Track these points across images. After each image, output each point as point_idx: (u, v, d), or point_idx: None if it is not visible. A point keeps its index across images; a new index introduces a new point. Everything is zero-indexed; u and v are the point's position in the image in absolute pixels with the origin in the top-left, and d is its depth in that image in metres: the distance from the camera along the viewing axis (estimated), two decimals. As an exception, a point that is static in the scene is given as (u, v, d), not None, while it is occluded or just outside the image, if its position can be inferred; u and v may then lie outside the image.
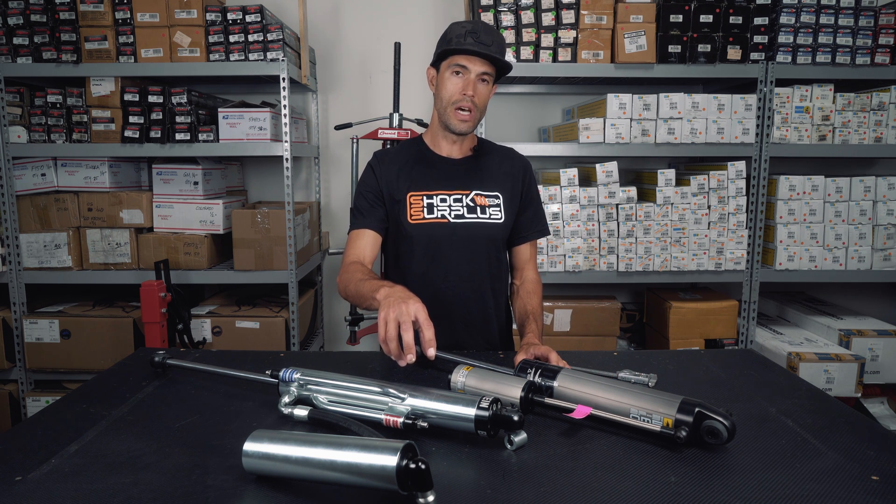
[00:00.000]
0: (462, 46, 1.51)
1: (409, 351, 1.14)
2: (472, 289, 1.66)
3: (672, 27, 2.78)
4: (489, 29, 1.55)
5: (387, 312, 1.18)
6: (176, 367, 1.38)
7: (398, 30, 3.26)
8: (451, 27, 1.57)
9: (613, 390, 1.10)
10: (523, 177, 1.72)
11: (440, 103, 1.61)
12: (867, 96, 2.85)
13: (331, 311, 3.60)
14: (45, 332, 2.84)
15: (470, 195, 1.65)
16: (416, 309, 1.18)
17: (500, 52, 1.55)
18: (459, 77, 1.56)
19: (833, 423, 1.11)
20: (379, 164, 1.68)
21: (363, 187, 1.67)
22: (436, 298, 1.61)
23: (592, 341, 3.02)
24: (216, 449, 1.00)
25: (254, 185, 3.52)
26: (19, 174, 2.87)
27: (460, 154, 1.70)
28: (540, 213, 1.77)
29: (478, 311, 1.68)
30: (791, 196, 2.88)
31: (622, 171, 2.99)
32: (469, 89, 1.54)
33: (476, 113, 1.59)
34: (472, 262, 1.64)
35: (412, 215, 1.62)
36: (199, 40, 2.72)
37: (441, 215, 1.62)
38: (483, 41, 1.51)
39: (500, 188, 1.68)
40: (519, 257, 1.76)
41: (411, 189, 1.64)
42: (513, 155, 1.76)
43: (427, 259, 1.63)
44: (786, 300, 3.42)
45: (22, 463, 0.95)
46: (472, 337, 1.68)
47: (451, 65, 1.56)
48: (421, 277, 1.63)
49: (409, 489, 0.80)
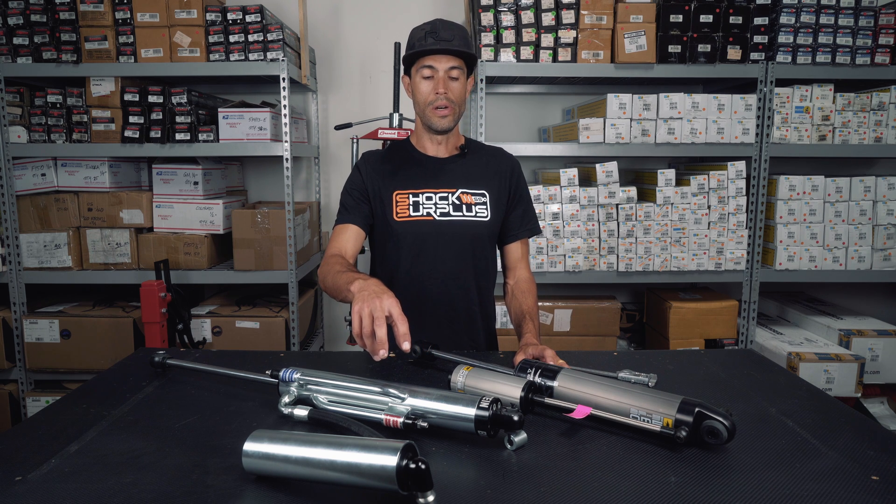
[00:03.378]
0: (424, 48, 1.54)
1: (382, 346, 1.15)
2: (458, 286, 1.67)
3: (672, 27, 2.78)
4: (447, 24, 1.57)
5: (360, 307, 1.19)
6: (176, 367, 1.38)
7: (398, 30, 3.24)
8: (412, 32, 1.60)
9: (613, 390, 1.10)
10: (511, 175, 1.73)
11: (418, 107, 1.64)
12: (867, 96, 2.85)
13: (331, 311, 3.60)
14: (45, 332, 2.84)
15: (456, 193, 1.66)
16: (389, 304, 1.18)
17: (464, 44, 1.57)
18: (429, 79, 1.58)
19: (833, 423, 1.11)
20: (365, 164, 1.71)
21: (349, 185, 1.70)
22: (421, 296, 1.62)
23: (592, 341, 3.02)
24: (216, 449, 1.00)
25: (254, 185, 3.52)
26: (19, 174, 2.87)
27: (446, 153, 1.71)
28: (530, 212, 1.77)
29: (463, 309, 1.68)
30: (791, 196, 2.88)
31: (622, 171, 3.00)
32: (440, 87, 1.57)
33: (454, 108, 1.60)
34: (458, 259, 1.65)
35: (398, 213, 1.63)
36: (199, 40, 2.72)
37: (427, 213, 1.63)
38: (444, 38, 1.54)
39: (486, 186, 1.69)
40: (510, 256, 1.76)
41: (397, 187, 1.65)
42: (500, 154, 1.77)
43: (413, 257, 1.64)
44: (786, 300, 3.42)
45: (22, 463, 0.95)
46: (457, 335, 1.68)
47: (420, 68, 1.58)
48: (407, 275, 1.64)
49: (409, 489, 0.80)
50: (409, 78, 1.65)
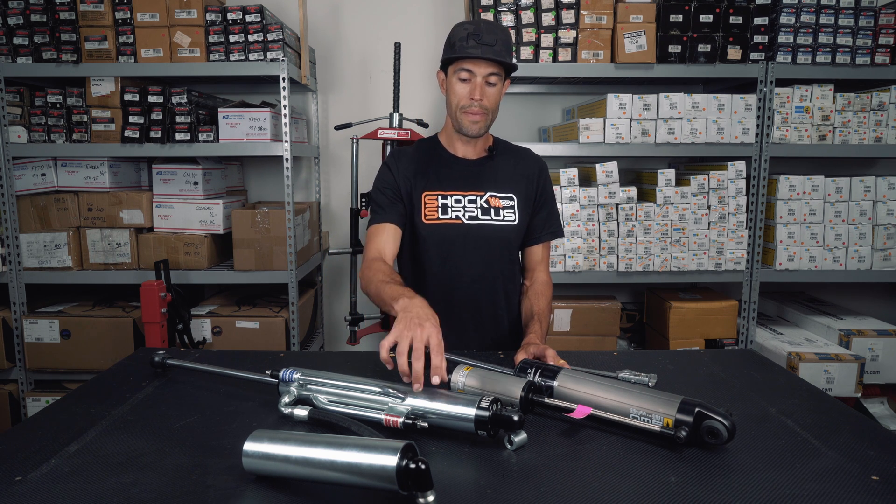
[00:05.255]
0: (465, 52, 1.50)
1: (418, 381, 1.09)
2: (485, 290, 1.65)
3: (672, 27, 2.78)
4: (492, 27, 1.54)
5: (400, 332, 1.14)
6: (176, 367, 1.38)
7: (398, 30, 3.26)
8: (454, 29, 1.56)
9: (613, 390, 1.10)
10: (538, 178, 1.71)
11: (450, 108, 1.61)
12: (867, 96, 2.85)
13: (331, 311, 3.60)
14: (45, 332, 2.84)
15: (484, 196, 1.64)
16: (430, 333, 1.14)
17: (506, 49, 1.54)
18: (466, 82, 1.55)
19: (833, 423, 1.11)
20: (396, 162, 1.67)
21: (381, 184, 1.66)
22: (448, 298, 1.61)
23: (592, 341, 3.02)
24: (216, 449, 1.00)
25: (254, 185, 3.52)
26: (19, 174, 2.87)
27: (475, 154, 1.69)
28: (554, 215, 1.75)
29: (488, 313, 1.67)
30: (791, 196, 2.88)
31: (622, 171, 2.99)
32: (476, 93, 1.54)
33: (487, 115, 1.58)
34: (485, 263, 1.63)
35: (426, 215, 1.61)
36: (199, 40, 2.72)
37: (455, 216, 1.61)
38: (486, 42, 1.50)
39: (514, 189, 1.67)
40: (531, 258, 1.74)
41: (426, 188, 1.63)
42: (528, 155, 1.75)
43: (440, 259, 1.62)
44: (786, 300, 3.42)
45: (22, 463, 0.95)
46: (482, 337, 1.67)
47: (457, 70, 1.55)
48: (434, 277, 1.63)
49: (409, 489, 0.80)
50: (444, 74, 1.62)
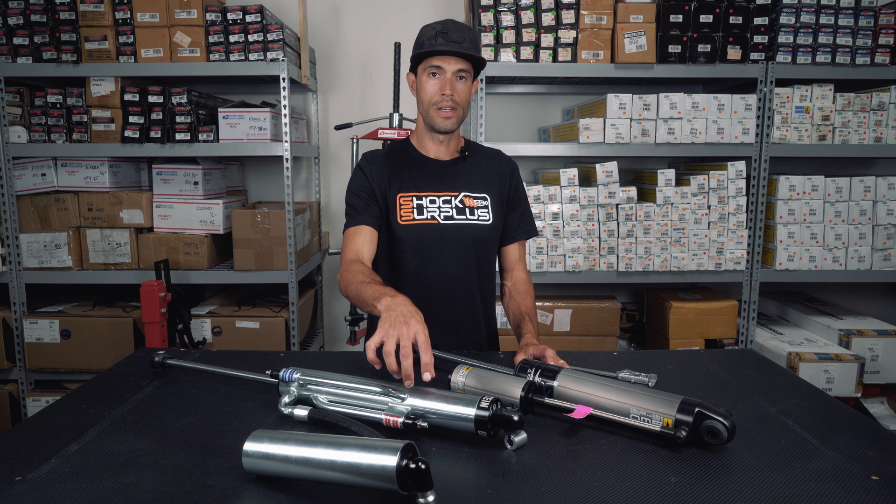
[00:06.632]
0: (434, 48, 1.53)
1: (408, 378, 1.10)
2: (462, 289, 1.67)
3: (672, 27, 2.78)
4: (459, 26, 1.56)
5: (386, 331, 1.14)
6: (176, 367, 1.38)
7: (398, 30, 3.26)
8: (422, 30, 1.59)
9: (613, 390, 1.10)
10: (510, 178, 1.74)
11: (422, 106, 1.63)
12: (867, 96, 2.85)
13: (331, 311, 3.60)
14: (45, 332, 2.84)
15: (459, 196, 1.66)
16: (416, 330, 1.14)
17: (473, 47, 1.56)
18: (436, 78, 1.57)
19: (833, 423, 1.11)
20: (369, 165, 1.69)
21: (355, 187, 1.68)
22: (426, 298, 1.61)
23: (592, 341, 3.02)
24: (216, 449, 1.00)
25: (254, 185, 3.52)
26: (19, 174, 2.87)
27: (448, 155, 1.70)
28: (527, 214, 1.78)
29: (466, 312, 1.69)
30: (791, 196, 2.88)
31: (622, 171, 3.00)
32: (447, 89, 1.56)
33: (459, 110, 1.60)
34: (462, 263, 1.65)
35: (402, 216, 1.63)
36: (199, 40, 2.72)
37: (431, 216, 1.63)
38: (454, 39, 1.53)
39: (487, 189, 1.69)
40: (508, 258, 1.77)
41: (401, 190, 1.65)
42: (499, 156, 1.78)
43: (417, 260, 1.64)
44: (786, 300, 3.42)
45: (22, 463, 0.95)
46: (461, 337, 1.69)
47: (427, 67, 1.57)
48: (412, 278, 1.64)
49: (409, 489, 0.80)
50: (414, 76, 1.64)
